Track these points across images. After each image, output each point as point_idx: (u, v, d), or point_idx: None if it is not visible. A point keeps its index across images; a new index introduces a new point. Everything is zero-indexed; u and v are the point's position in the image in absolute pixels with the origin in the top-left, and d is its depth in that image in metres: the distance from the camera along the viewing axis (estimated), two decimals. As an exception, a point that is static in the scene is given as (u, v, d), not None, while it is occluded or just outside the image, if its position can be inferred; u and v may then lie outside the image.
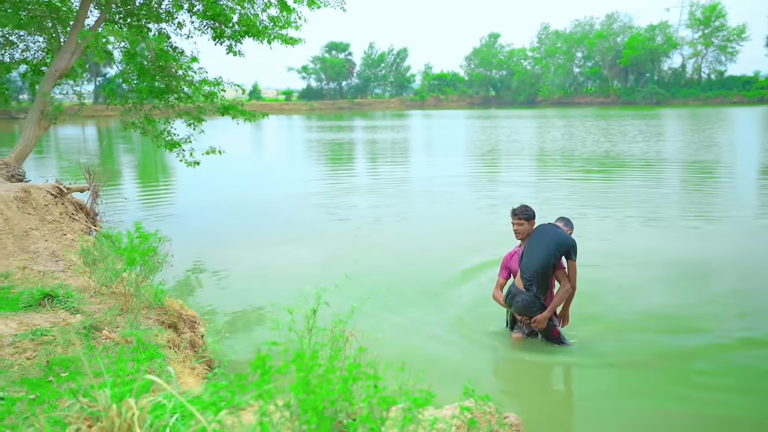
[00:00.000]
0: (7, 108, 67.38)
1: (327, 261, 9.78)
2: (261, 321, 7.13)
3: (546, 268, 5.85)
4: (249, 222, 13.03)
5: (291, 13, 12.77)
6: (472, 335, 6.62)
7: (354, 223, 12.87)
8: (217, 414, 2.06)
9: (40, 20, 12.42)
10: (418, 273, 8.93)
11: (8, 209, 6.35)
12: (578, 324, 6.58)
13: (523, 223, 6.15)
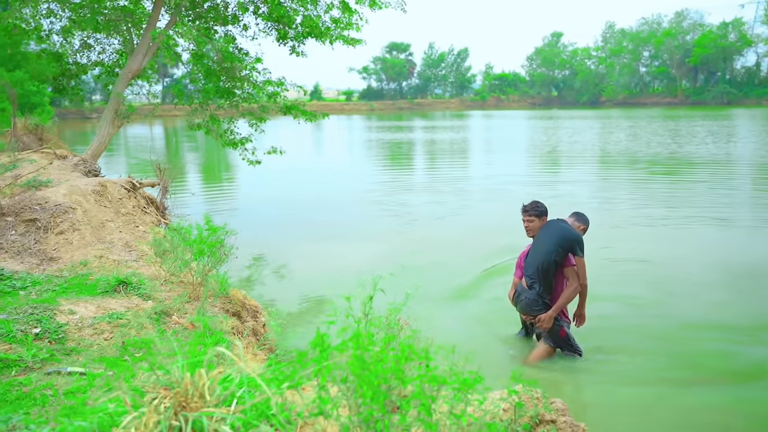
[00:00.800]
0: (81, 108, 70.22)
1: (383, 255, 9.96)
2: (319, 311, 7.37)
3: (548, 266, 5.61)
4: (307, 218, 13.35)
5: (353, 15, 13.01)
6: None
7: (410, 219, 13.05)
8: (279, 387, 2.24)
9: (115, 23, 13.01)
10: (470, 266, 9.10)
11: (87, 202, 6.76)
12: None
13: (534, 220, 5.89)
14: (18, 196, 7.05)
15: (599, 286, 8.29)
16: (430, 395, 2.19)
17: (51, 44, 14.68)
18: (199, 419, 2.11)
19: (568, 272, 5.65)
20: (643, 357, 6.09)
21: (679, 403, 5.22)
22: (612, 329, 6.77)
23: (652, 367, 5.88)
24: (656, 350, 6.25)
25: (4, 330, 4.12)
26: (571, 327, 5.86)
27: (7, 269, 5.53)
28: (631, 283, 8.47)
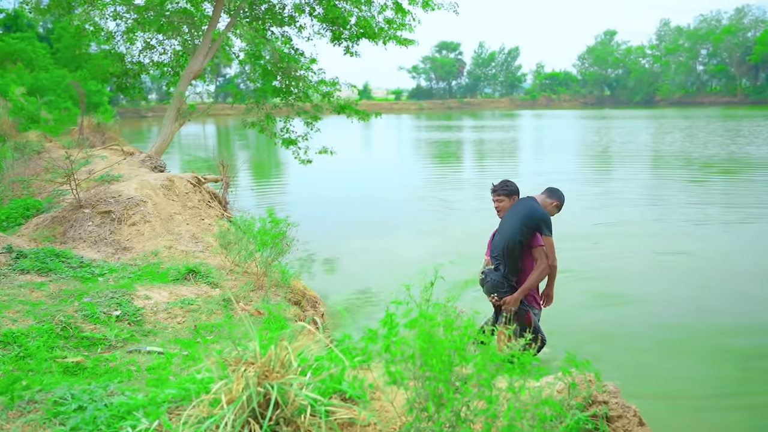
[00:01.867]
0: (137, 107, 72.16)
1: (433, 249, 10.17)
2: (373, 302, 7.61)
3: (513, 246, 5.26)
4: (357, 214, 13.63)
5: (405, 15, 13.21)
6: (568, 313, 6.84)
7: (458, 215, 13.24)
8: (352, 360, 2.47)
9: (176, 25, 13.51)
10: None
11: (156, 195, 7.15)
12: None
13: (503, 200, 5.57)
14: (93, 189, 7.50)
15: (651, 282, 8.41)
16: (490, 372, 2.38)
17: (113, 45, 15.28)
18: (281, 386, 2.35)
19: (536, 252, 5.30)
20: (695, 351, 6.16)
21: (731, 398, 5.28)
22: (662, 323, 6.84)
23: (703, 361, 5.94)
24: (708, 346, 6.30)
25: (89, 312, 4.47)
26: (540, 312, 5.52)
27: (86, 257, 5.92)
28: (680, 278, 8.58)
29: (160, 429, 2.44)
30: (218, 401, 2.38)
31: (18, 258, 5.52)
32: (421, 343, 2.31)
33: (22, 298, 4.70)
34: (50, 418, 2.62)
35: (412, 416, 2.41)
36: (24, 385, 3.10)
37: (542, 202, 5.51)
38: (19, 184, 9.15)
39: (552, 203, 5.57)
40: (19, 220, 7.38)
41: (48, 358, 3.74)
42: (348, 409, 2.55)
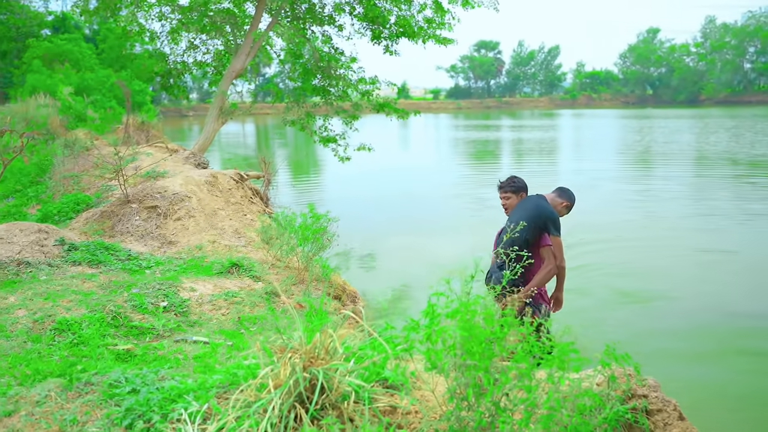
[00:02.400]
0: (179, 106, 73.42)
1: (472, 248, 10.19)
2: (412, 298, 7.69)
3: (519, 245, 4.93)
4: (396, 211, 13.72)
5: (445, 14, 13.23)
6: (606, 307, 6.84)
7: (496, 214, 13.22)
8: (395, 348, 2.54)
9: (219, 25, 13.76)
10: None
11: (200, 191, 7.33)
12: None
13: (510, 197, 5.41)
14: (140, 185, 7.72)
15: (692, 280, 8.35)
16: (529, 362, 2.42)
17: (157, 45, 15.62)
18: (326, 372, 2.43)
19: (544, 252, 5.09)
20: (736, 351, 6.09)
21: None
22: (704, 320, 6.78)
23: (745, 360, 5.88)
24: (751, 346, 6.22)
25: (138, 302, 4.63)
26: (548, 313, 5.25)
27: (134, 250, 6.11)
28: (725, 277, 8.54)
29: (210, 411, 2.54)
30: (265, 386, 2.47)
31: (70, 250, 5.73)
32: (461, 332, 2.37)
33: (74, 288, 4.88)
34: (106, 399, 2.75)
35: (453, 404, 2.47)
36: (80, 369, 3.25)
37: (552, 201, 5.33)
38: (69, 179, 9.46)
39: (562, 203, 5.39)
40: (70, 214, 7.64)
41: (100, 345, 3.90)
42: (390, 396, 2.62)
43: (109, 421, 2.58)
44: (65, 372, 3.21)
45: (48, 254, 5.57)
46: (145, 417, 2.55)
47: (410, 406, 2.60)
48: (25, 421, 2.60)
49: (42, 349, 3.80)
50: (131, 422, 2.53)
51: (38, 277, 5.15)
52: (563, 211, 5.40)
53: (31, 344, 3.86)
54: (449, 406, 2.54)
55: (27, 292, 4.72)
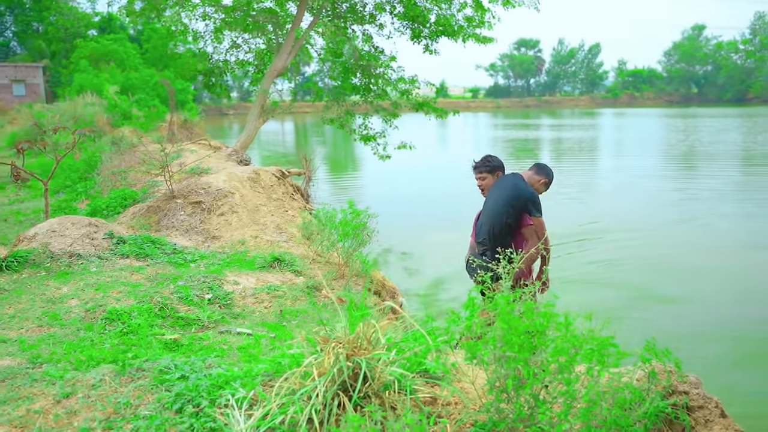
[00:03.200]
0: (219, 105, 74.51)
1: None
2: (451, 293, 7.73)
3: (500, 229, 4.86)
4: (435, 209, 13.77)
5: (485, 13, 13.21)
6: (647, 304, 6.80)
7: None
8: (435, 340, 2.60)
9: (261, 25, 13.96)
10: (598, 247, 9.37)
11: (243, 188, 7.49)
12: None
13: (486, 177, 5.17)
14: (185, 181, 7.91)
15: (737, 279, 8.23)
16: (569, 354, 2.45)
17: (200, 45, 15.91)
18: (369, 362, 2.50)
19: (526, 232, 4.89)
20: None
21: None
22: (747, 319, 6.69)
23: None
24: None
25: (183, 294, 4.77)
26: (535, 294, 5.05)
27: (179, 244, 6.28)
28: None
29: (255, 398, 2.63)
30: (309, 374, 2.55)
31: (119, 243, 5.91)
32: (501, 324, 2.41)
33: (123, 280, 5.05)
34: (157, 384, 2.86)
35: (492, 396, 2.51)
36: (131, 356, 3.38)
37: (529, 179, 5.12)
38: (116, 175, 9.73)
39: (540, 180, 5.16)
40: (118, 209, 7.87)
41: (149, 335, 4.04)
42: (431, 386, 2.68)
43: (160, 405, 2.69)
44: (117, 359, 3.34)
45: (98, 247, 5.75)
46: (194, 402, 2.65)
47: (450, 396, 2.66)
48: (82, 402, 2.73)
49: (94, 337, 3.95)
50: (181, 406, 2.64)
51: (89, 269, 5.33)
52: (541, 189, 5.19)
53: (84, 332, 4.02)
54: (489, 398, 2.58)
55: (79, 282, 4.90)
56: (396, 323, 2.92)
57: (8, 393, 2.88)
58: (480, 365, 2.53)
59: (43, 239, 5.65)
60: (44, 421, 2.63)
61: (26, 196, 10.42)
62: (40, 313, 4.29)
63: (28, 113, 23.45)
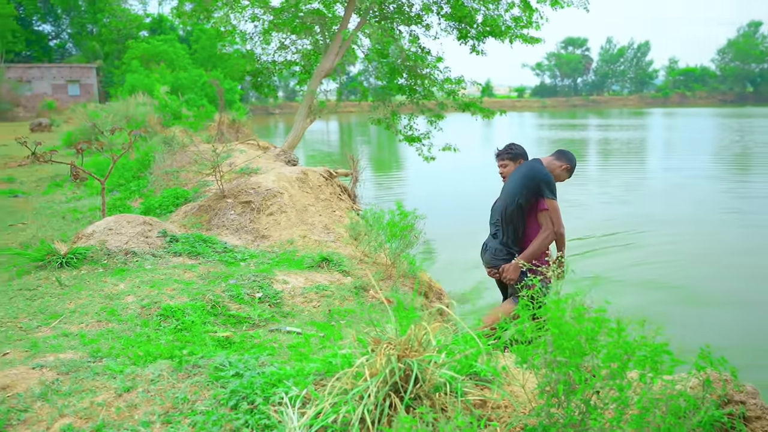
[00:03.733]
0: (265, 104, 75.48)
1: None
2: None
3: (512, 210, 4.78)
4: (481, 210, 13.65)
5: (533, 13, 13.10)
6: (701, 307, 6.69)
7: (582, 213, 13.06)
8: (486, 343, 2.61)
9: (309, 26, 14.12)
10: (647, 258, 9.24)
11: (291, 188, 7.60)
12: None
13: (508, 164, 5.08)
14: (235, 181, 8.07)
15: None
16: (621, 360, 2.44)
17: (249, 46, 16.16)
18: (420, 363, 2.53)
19: (541, 217, 4.76)
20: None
21: None
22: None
23: None
24: None
25: (234, 292, 4.87)
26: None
27: (229, 243, 6.41)
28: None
29: (308, 397, 2.69)
30: (361, 375, 2.60)
31: (171, 242, 6.07)
32: (552, 329, 2.41)
33: (176, 277, 5.19)
34: (212, 381, 2.95)
35: (543, 400, 2.52)
36: (186, 352, 3.48)
37: (549, 164, 4.97)
38: (168, 175, 9.97)
39: (561, 166, 5.02)
40: (170, 207, 8.07)
41: (202, 332, 4.15)
42: (481, 389, 2.70)
43: (215, 401, 2.77)
44: (173, 355, 3.45)
45: (152, 245, 5.92)
46: (248, 399, 2.73)
47: (501, 400, 2.67)
48: (142, 396, 2.83)
49: (150, 333, 4.07)
50: (236, 403, 2.71)
51: (144, 266, 5.49)
52: (563, 175, 5.06)
53: (140, 328, 4.15)
54: (539, 402, 2.59)
55: (135, 279, 5.06)
56: (445, 325, 2.94)
57: (73, 385, 3.00)
58: (530, 369, 2.54)
59: (100, 237, 5.84)
60: (107, 413, 2.73)
61: (82, 193, 10.76)
62: (99, 309, 4.44)
63: (83, 113, 24.16)
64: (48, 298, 4.71)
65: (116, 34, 58.81)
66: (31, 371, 3.19)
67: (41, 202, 10.28)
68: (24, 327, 4.14)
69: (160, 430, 2.61)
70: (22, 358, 3.48)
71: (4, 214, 9.11)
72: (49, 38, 68.38)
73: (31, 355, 3.51)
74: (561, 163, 5.02)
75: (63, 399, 2.87)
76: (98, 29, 61.06)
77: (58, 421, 2.69)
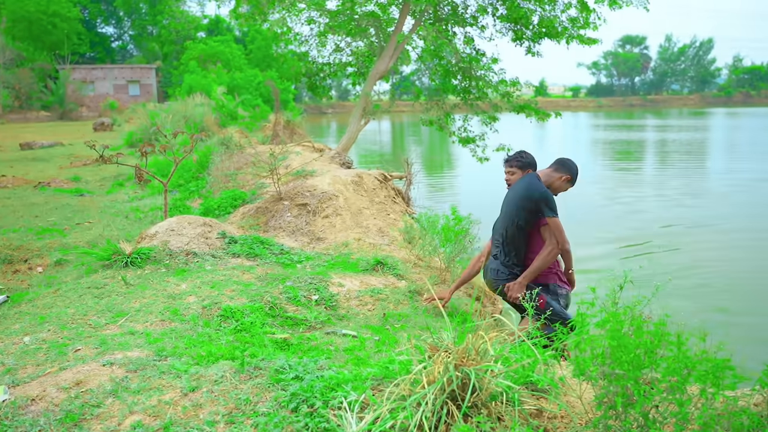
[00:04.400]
0: (318, 104, 76.25)
1: (615, 254, 9.95)
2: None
3: (512, 232, 4.62)
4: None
5: (590, 14, 12.89)
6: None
7: (646, 218, 12.82)
8: (543, 353, 2.63)
9: (364, 28, 14.22)
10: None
11: (347, 191, 7.70)
12: None
13: (515, 172, 4.84)
14: (291, 183, 8.22)
15: None
16: (682, 375, 2.42)
17: (304, 48, 16.37)
18: (477, 372, 2.56)
19: (544, 232, 4.58)
20: None
21: None
22: None
23: None
24: None
25: (291, 294, 4.98)
26: (569, 296, 4.76)
27: (286, 245, 6.55)
28: None
29: (366, 401, 2.75)
30: (418, 381, 2.64)
31: (230, 243, 6.23)
32: (610, 341, 2.41)
33: (235, 278, 5.33)
34: (273, 383, 3.04)
35: (600, 412, 2.52)
36: (248, 354, 3.59)
37: (547, 177, 4.74)
38: (226, 176, 10.23)
39: (561, 177, 4.76)
40: (229, 209, 8.28)
41: (260, 333, 4.26)
42: (537, 399, 2.72)
43: (276, 403, 2.86)
44: (234, 356, 3.56)
45: (212, 246, 6.09)
46: (308, 402, 2.80)
47: (558, 410, 2.68)
48: (207, 397, 2.94)
49: (211, 333, 4.21)
50: (296, 406, 2.79)
51: (204, 267, 5.66)
52: (564, 186, 4.82)
53: (202, 328, 4.29)
54: (596, 413, 2.59)
55: (196, 280, 5.22)
56: (501, 334, 2.96)
57: (141, 383, 3.14)
58: (587, 380, 2.54)
59: (162, 237, 6.04)
60: (173, 411, 2.85)
61: (144, 193, 11.11)
62: (162, 308, 4.61)
63: (143, 112, 24.87)
64: (114, 296, 4.91)
65: (175, 35, 60.36)
66: (102, 368, 3.35)
67: (105, 201, 10.65)
68: (93, 324, 4.33)
69: (224, 429, 2.71)
70: (93, 354, 3.65)
71: (72, 213, 9.48)
72: (112, 40, 70.73)
73: (101, 352, 3.68)
74: (561, 174, 4.78)
75: (132, 396, 3.01)
76: (158, 31, 62.81)
77: (128, 418, 2.82)
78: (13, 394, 3.06)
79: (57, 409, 2.89)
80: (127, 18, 68.63)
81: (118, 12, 67.59)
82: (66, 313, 4.54)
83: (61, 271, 6.32)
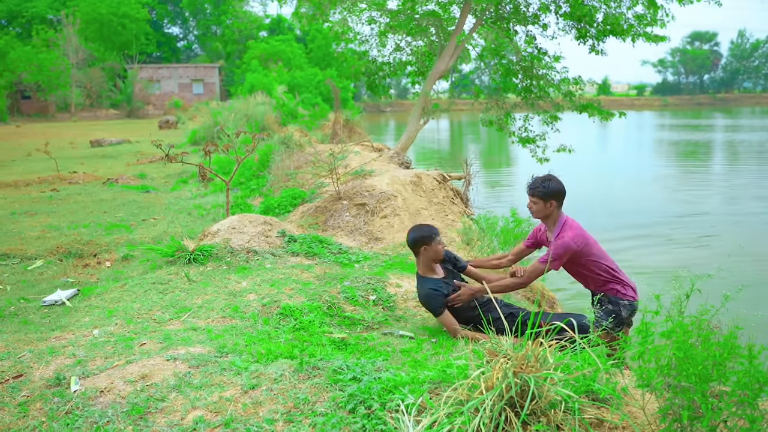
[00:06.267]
0: (377, 102, 76.52)
1: (678, 259, 9.66)
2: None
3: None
4: (597, 217, 13.27)
5: (658, 10, 12.51)
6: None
7: (715, 222, 12.40)
8: (605, 362, 2.57)
9: (424, 27, 14.18)
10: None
11: (405, 191, 7.71)
12: None
13: (538, 203, 4.63)
14: (350, 183, 8.28)
15: None
16: (753, 389, 2.33)
17: (365, 47, 16.43)
18: (536, 380, 2.53)
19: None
20: None
21: None
22: None
23: None
24: None
25: (349, 294, 5.02)
26: (633, 307, 4.66)
27: (344, 245, 6.60)
28: None
29: (423, 405, 2.74)
30: (476, 387, 2.62)
31: (290, 242, 6.32)
32: (676, 352, 2.34)
33: (294, 277, 5.40)
34: (331, 383, 3.07)
35: (665, 425, 2.45)
36: (305, 353, 3.63)
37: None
38: (286, 175, 10.37)
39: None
40: (288, 207, 8.39)
41: (318, 332, 4.30)
42: (597, 408, 2.66)
43: (334, 403, 2.89)
44: (293, 354, 3.61)
45: (271, 244, 6.19)
46: (365, 403, 2.82)
47: (620, 422, 2.62)
48: (266, 395, 2.99)
49: (270, 330, 4.27)
50: (354, 407, 2.81)
51: (264, 265, 5.76)
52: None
53: (261, 326, 4.36)
54: (660, 426, 2.52)
55: (256, 278, 5.31)
56: (562, 342, 2.91)
57: (203, 379, 3.22)
58: (652, 392, 2.48)
59: (224, 235, 6.17)
60: (234, 408, 2.91)
61: (206, 191, 11.37)
62: (224, 305, 4.70)
63: (206, 111, 25.45)
64: (178, 292, 5.04)
65: (238, 34, 61.61)
66: (166, 363, 3.45)
67: (169, 198, 10.95)
68: (157, 319, 4.45)
69: (282, 428, 2.75)
70: (157, 349, 3.76)
71: (138, 209, 9.79)
72: (178, 40, 72.68)
73: (165, 347, 3.78)
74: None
75: (195, 391, 3.08)
76: (221, 30, 64.21)
77: (191, 413, 2.89)
78: (84, 385, 3.17)
79: (124, 401, 2.99)
80: (193, 18, 70.42)
81: (183, 12, 69.42)
82: (132, 308, 4.69)
83: (128, 266, 6.53)
